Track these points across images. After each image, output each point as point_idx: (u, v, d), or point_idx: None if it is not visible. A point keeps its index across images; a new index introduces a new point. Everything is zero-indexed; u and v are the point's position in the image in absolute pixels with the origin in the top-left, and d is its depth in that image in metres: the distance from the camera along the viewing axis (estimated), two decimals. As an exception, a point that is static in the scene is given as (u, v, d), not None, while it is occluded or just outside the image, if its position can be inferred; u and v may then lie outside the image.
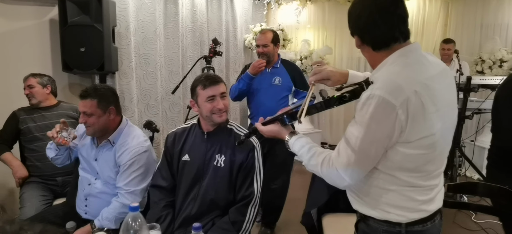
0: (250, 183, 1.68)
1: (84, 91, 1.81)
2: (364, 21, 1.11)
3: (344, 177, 1.07)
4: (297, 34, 5.45)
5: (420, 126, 1.03)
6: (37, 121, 2.50)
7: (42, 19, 3.15)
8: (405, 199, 1.13)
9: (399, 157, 1.07)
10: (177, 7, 4.19)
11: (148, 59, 3.96)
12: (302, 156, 1.20)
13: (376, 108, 1.00)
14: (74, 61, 3.11)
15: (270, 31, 2.92)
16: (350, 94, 1.09)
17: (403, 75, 1.04)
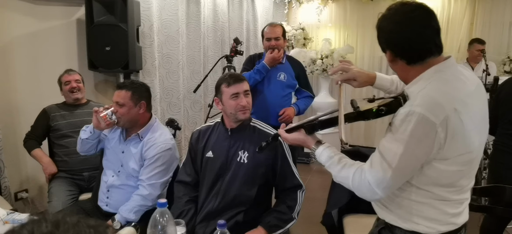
0: (291, 175, 1.76)
1: (120, 83, 1.93)
2: (398, 36, 1.08)
3: (376, 190, 1.06)
4: (318, 33, 5.42)
5: (459, 143, 1.03)
6: (67, 118, 2.58)
7: (70, 19, 3.26)
8: (437, 212, 1.12)
9: (435, 173, 1.06)
10: (199, 6, 4.24)
11: (170, 58, 4.02)
12: (330, 167, 1.19)
13: (416, 126, 0.99)
14: (100, 60, 3.20)
15: (279, 25, 2.85)
16: (387, 109, 1.06)
17: (442, 93, 1.03)
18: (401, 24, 1.07)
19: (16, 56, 2.90)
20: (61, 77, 2.65)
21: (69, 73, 2.65)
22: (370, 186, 1.06)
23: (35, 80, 3.00)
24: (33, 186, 3.07)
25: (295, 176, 1.78)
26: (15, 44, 2.89)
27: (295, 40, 4.98)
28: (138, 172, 1.93)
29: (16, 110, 2.93)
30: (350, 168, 1.13)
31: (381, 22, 1.12)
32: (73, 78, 2.63)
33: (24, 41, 2.94)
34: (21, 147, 2.78)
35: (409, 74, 1.10)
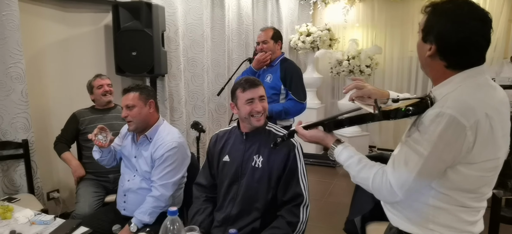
0: (296, 184, 1.67)
1: (126, 88, 1.97)
2: (454, 39, 1.00)
3: (397, 192, 1.04)
4: (344, 34, 5.32)
5: (487, 149, 1.01)
6: (95, 122, 2.67)
7: (98, 25, 3.37)
8: (454, 219, 1.09)
9: (459, 177, 1.03)
10: (224, 10, 4.26)
11: (195, 62, 4.07)
12: (349, 167, 1.17)
13: (446, 127, 0.97)
14: (126, 64, 3.29)
15: (271, 28, 2.85)
16: (414, 109, 1.03)
17: (475, 97, 0.99)
18: (462, 27, 0.99)
19: (48, 62, 3.03)
20: (92, 82, 2.73)
21: (101, 78, 2.74)
22: (391, 188, 1.05)
23: (66, 85, 3.12)
24: (64, 186, 3.20)
25: (299, 186, 1.67)
26: (48, 51, 3.02)
27: (320, 41, 4.90)
28: (150, 174, 1.97)
29: (48, 114, 3.07)
30: (370, 168, 1.12)
31: (438, 11, 1.02)
32: (105, 82, 2.73)
33: (56, 48, 3.07)
34: (53, 149, 2.91)
35: (442, 75, 1.06)
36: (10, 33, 2.59)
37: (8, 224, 1.68)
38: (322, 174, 4.61)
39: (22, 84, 2.67)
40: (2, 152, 2.67)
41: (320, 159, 5.02)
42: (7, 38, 2.59)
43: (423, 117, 1.03)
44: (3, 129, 2.67)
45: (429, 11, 1.05)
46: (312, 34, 4.92)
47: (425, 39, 1.06)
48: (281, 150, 1.67)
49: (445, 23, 1.00)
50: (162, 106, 3.77)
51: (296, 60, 5.53)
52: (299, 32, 5.05)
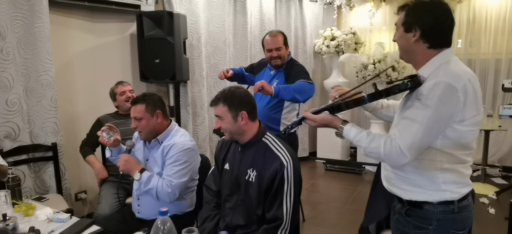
0: (279, 205, 1.61)
1: (134, 99, 2.03)
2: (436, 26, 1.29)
3: (406, 153, 1.22)
4: (371, 37, 5.20)
5: (472, 106, 1.25)
6: (119, 126, 2.78)
7: (124, 34, 3.53)
8: (458, 175, 1.32)
9: (456, 134, 1.26)
10: (246, 17, 4.32)
11: (218, 68, 4.14)
12: (360, 141, 1.31)
13: (444, 91, 1.20)
14: (150, 71, 3.42)
15: (280, 33, 2.68)
16: (411, 83, 1.24)
17: (458, 69, 1.27)
18: (440, 20, 1.29)
19: (77, 70, 3.22)
20: (115, 89, 2.86)
21: (123, 85, 2.86)
22: (400, 150, 1.22)
23: (93, 91, 3.29)
24: (91, 188, 3.36)
25: (281, 209, 1.61)
26: (76, 59, 3.21)
27: (345, 45, 4.82)
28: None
29: (77, 119, 3.24)
30: (380, 138, 1.28)
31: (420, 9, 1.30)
32: (127, 89, 2.85)
33: (84, 56, 3.25)
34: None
35: (425, 56, 1.32)
36: (41, 43, 2.78)
37: (30, 220, 1.80)
38: (347, 180, 4.52)
39: (51, 91, 2.86)
40: (34, 154, 2.87)
41: (346, 166, 4.92)
42: (39, 49, 2.78)
43: (421, 89, 1.25)
44: (34, 132, 2.86)
45: (407, 9, 1.33)
46: (336, 38, 4.86)
47: (408, 30, 1.32)
48: (272, 166, 1.62)
49: (424, 13, 1.30)
50: (184, 111, 3.87)
51: (321, 64, 5.49)
52: (323, 37, 5.00)
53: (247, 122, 1.69)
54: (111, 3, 3.22)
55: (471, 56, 4.69)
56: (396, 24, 1.39)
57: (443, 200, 1.32)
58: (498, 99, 4.51)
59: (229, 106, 1.66)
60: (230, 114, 1.67)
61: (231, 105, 1.66)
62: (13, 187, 1.92)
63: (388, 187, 1.48)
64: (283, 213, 1.60)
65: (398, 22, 1.36)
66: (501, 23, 4.43)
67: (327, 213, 3.59)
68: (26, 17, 2.73)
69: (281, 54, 2.63)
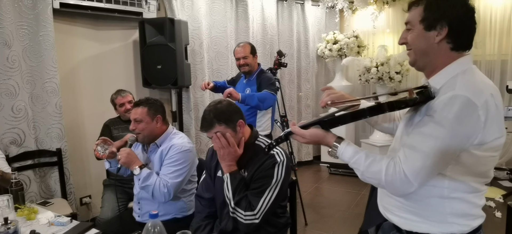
0: (258, 194, 1.56)
1: (137, 101, 2.07)
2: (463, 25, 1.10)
3: (412, 182, 1.04)
4: (374, 40, 5.19)
5: (495, 126, 1.05)
6: (123, 131, 2.83)
7: (127, 41, 3.59)
8: (469, 206, 1.12)
9: (473, 160, 1.06)
10: (248, 22, 4.35)
11: (220, 73, 4.19)
12: (357, 163, 1.13)
13: (461, 108, 1.01)
14: (152, 77, 3.47)
15: (248, 44, 3.03)
16: (420, 97, 1.07)
17: (479, 80, 1.08)
18: (470, 12, 1.10)
19: (81, 76, 3.29)
20: (115, 99, 2.89)
21: (122, 95, 2.86)
22: (406, 177, 1.04)
23: (97, 97, 3.35)
24: (96, 193, 3.40)
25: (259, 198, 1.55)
26: (80, 66, 3.28)
27: (348, 48, 4.82)
28: None
29: (82, 124, 3.31)
30: (380, 161, 1.10)
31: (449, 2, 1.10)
32: (126, 100, 2.86)
33: (88, 63, 3.32)
34: (86, 157, 3.14)
35: (445, 59, 1.12)
36: (46, 51, 2.86)
37: (31, 224, 1.85)
38: (351, 184, 4.50)
39: (56, 97, 2.92)
40: (39, 159, 2.93)
41: (350, 169, 4.88)
42: (44, 56, 2.86)
43: (433, 104, 1.06)
44: (40, 138, 2.93)
45: (426, 2, 1.11)
46: (339, 42, 4.87)
47: (430, 27, 1.10)
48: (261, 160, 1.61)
49: (453, 7, 1.09)
50: (187, 116, 3.91)
51: (324, 68, 5.49)
52: (326, 40, 5.01)
53: (245, 128, 1.70)
54: (114, 11, 3.28)
55: (476, 57, 4.65)
56: (408, 22, 1.17)
57: (449, 233, 1.13)
58: (504, 101, 4.45)
59: (225, 122, 1.62)
60: (230, 129, 1.63)
61: (226, 122, 1.62)
62: (16, 191, 1.97)
63: (385, 213, 1.28)
64: (258, 204, 1.55)
65: (414, 19, 1.14)
66: (506, 24, 4.38)
67: (330, 217, 3.58)
68: (31, 26, 2.81)
69: (247, 62, 2.96)
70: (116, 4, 3.25)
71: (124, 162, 1.96)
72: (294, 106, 5.05)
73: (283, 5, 4.84)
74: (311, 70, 5.17)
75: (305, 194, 4.15)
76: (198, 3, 3.89)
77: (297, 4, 4.97)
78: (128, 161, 1.97)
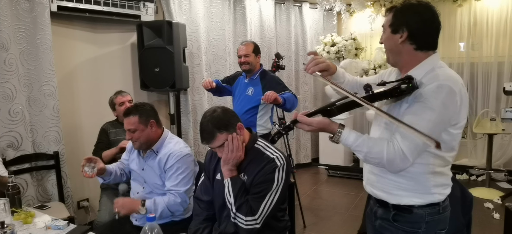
0: (259, 198, 1.57)
1: (126, 110, 2.03)
2: (424, 29, 1.29)
3: (409, 158, 1.21)
4: (371, 42, 5.21)
5: (464, 109, 1.28)
6: (120, 134, 2.82)
7: (125, 44, 3.59)
8: (445, 178, 1.36)
9: (449, 137, 1.28)
10: (246, 25, 4.36)
11: (218, 75, 4.18)
12: (361, 146, 1.26)
13: (447, 95, 1.21)
14: (150, 80, 3.47)
15: (251, 42, 3.05)
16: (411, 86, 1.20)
17: (453, 73, 1.29)
18: (428, 21, 1.30)
19: (79, 79, 3.28)
20: (114, 99, 2.89)
21: (122, 95, 2.88)
22: (404, 154, 1.21)
23: (95, 101, 3.34)
24: (94, 196, 3.39)
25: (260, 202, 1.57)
26: (78, 69, 3.27)
27: (345, 51, 4.83)
28: (161, 185, 2.02)
29: (79, 128, 3.30)
30: (381, 142, 1.25)
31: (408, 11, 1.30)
32: (126, 99, 2.86)
33: (86, 66, 3.31)
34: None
35: (412, 58, 1.32)
36: (44, 54, 2.85)
37: (28, 228, 1.84)
38: (349, 186, 4.50)
39: (53, 101, 2.91)
40: (37, 162, 2.92)
41: (349, 172, 4.91)
42: (41, 59, 2.85)
43: (421, 92, 1.23)
44: (37, 141, 2.92)
45: (394, 10, 1.32)
46: (336, 44, 4.88)
47: (395, 31, 1.31)
48: (261, 164, 1.61)
49: (412, 15, 1.29)
50: (185, 119, 3.90)
51: (323, 71, 5.49)
52: (323, 43, 5.02)
53: (244, 131, 1.69)
54: (112, 14, 3.28)
55: (473, 59, 4.67)
56: (383, 26, 1.38)
57: (432, 202, 1.34)
58: (501, 102, 4.46)
59: (226, 129, 1.60)
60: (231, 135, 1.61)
61: (226, 128, 1.60)
62: (13, 195, 1.96)
63: (372, 191, 1.46)
64: (259, 208, 1.56)
65: (385, 23, 1.36)
66: (502, 26, 4.41)
67: (328, 220, 3.58)
68: (28, 29, 2.80)
69: (248, 60, 2.96)
70: (114, 7, 3.25)
71: (127, 212, 1.95)
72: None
73: (281, 8, 4.85)
74: (309, 72, 5.17)
75: (303, 196, 4.15)
76: (196, 6, 3.89)
77: (295, 6, 4.98)
78: (128, 209, 1.95)
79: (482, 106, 4.56)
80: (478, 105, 4.63)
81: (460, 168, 4.69)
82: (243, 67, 2.99)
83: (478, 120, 4.22)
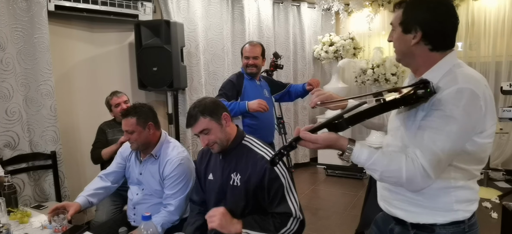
0: (281, 201, 1.58)
1: (125, 111, 2.00)
2: (438, 24, 1.14)
3: (431, 175, 1.06)
4: (369, 42, 5.21)
5: (491, 114, 1.11)
6: (117, 134, 2.81)
7: (123, 43, 3.58)
8: (471, 192, 1.19)
9: (475, 147, 1.12)
10: (244, 24, 4.36)
11: (216, 75, 4.18)
12: (375, 164, 1.10)
13: (468, 100, 1.05)
14: (148, 79, 3.46)
15: (259, 44, 2.88)
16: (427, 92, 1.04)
17: (474, 73, 1.13)
18: (442, 15, 1.14)
19: (77, 79, 3.27)
20: (110, 100, 2.87)
21: (117, 96, 2.86)
22: (425, 171, 1.05)
23: (92, 100, 3.34)
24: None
25: (286, 203, 1.58)
26: (76, 69, 3.26)
27: (344, 50, 4.84)
28: (160, 191, 2.00)
29: (77, 127, 3.29)
30: (399, 158, 1.09)
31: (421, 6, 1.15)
32: (122, 100, 2.84)
33: (83, 66, 3.31)
34: (80, 160, 3.11)
35: (427, 59, 1.17)
36: (41, 54, 2.84)
37: (24, 227, 1.83)
38: (348, 186, 4.50)
39: (51, 100, 2.90)
40: (34, 162, 2.91)
41: (347, 171, 4.90)
42: (38, 59, 2.84)
43: (438, 97, 1.08)
44: (34, 141, 2.91)
45: (405, 6, 1.17)
46: (335, 44, 4.88)
47: (407, 30, 1.15)
48: (257, 165, 1.60)
49: (425, 11, 1.13)
50: (183, 118, 3.90)
51: (320, 70, 5.50)
52: (322, 42, 5.02)
53: (229, 123, 1.68)
54: (110, 13, 3.27)
55: (471, 59, 4.67)
56: (392, 23, 1.23)
57: (455, 221, 1.18)
58: (499, 102, 4.47)
59: (211, 115, 1.60)
60: (215, 122, 1.62)
61: (212, 114, 1.61)
62: (9, 194, 1.95)
63: (387, 208, 1.30)
64: (290, 206, 1.57)
65: (395, 21, 1.20)
66: (500, 25, 4.41)
67: (326, 219, 3.58)
68: (26, 28, 2.79)
69: (257, 63, 2.80)
70: (111, 6, 3.24)
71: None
72: (291, 108, 5.04)
73: (279, 7, 4.84)
74: (307, 72, 5.17)
75: (301, 196, 4.15)
76: (194, 6, 3.89)
77: (293, 6, 4.98)
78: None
79: (480, 106, 4.56)
80: (476, 104, 4.63)
81: (458, 168, 4.69)
82: (250, 69, 2.80)
83: (476, 119, 4.22)
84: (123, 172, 2.21)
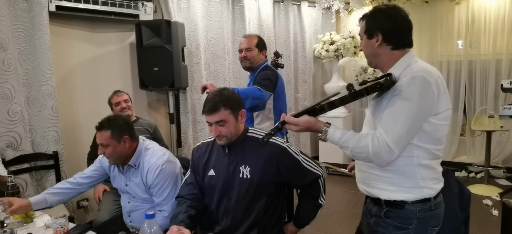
0: (306, 173, 1.70)
1: (99, 124, 1.89)
2: (395, 30, 1.37)
3: (394, 150, 1.26)
4: (370, 41, 5.20)
5: (444, 100, 1.32)
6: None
7: (123, 43, 3.59)
8: (434, 172, 1.38)
9: (432, 127, 1.31)
10: (244, 23, 4.36)
11: (217, 74, 4.19)
12: (347, 141, 1.32)
13: (421, 85, 1.27)
14: (149, 79, 3.47)
15: (255, 36, 2.66)
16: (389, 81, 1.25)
17: (428, 65, 1.36)
18: (398, 22, 1.38)
19: (78, 79, 3.27)
20: (111, 99, 2.90)
21: (118, 95, 2.89)
22: (389, 147, 1.26)
23: (94, 100, 3.34)
24: (93, 195, 3.39)
25: (310, 171, 1.71)
26: (77, 69, 3.27)
27: (344, 49, 4.84)
28: (149, 198, 1.96)
29: (79, 128, 3.30)
30: (366, 137, 1.30)
31: (378, 15, 1.40)
32: (122, 99, 2.87)
33: (85, 66, 3.31)
34: (82, 160, 3.11)
35: (390, 57, 1.39)
36: (42, 54, 2.85)
37: (28, 227, 1.84)
38: (349, 184, 4.50)
39: (52, 100, 2.91)
40: (36, 162, 2.92)
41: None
42: (40, 59, 2.85)
43: (398, 86, 1.29)
44: (36, 141, 2.92)
45: (366, 18, 1.42)
46: (335, 43, 4.88)
47: (371, 36, 1.40)
48: (270, 155, 1.64)
49: (383, 18, 1.38)
50: (184, 118, 3.91)
51: (321, 69, 5.50)
52: (322, 41, 5.03)
53: (244, 120, 1.70)
54: (111, 13, 3.28)
55: (471, 57, 4.68)
56: (359, 34, 1.47)
57: (422, 198, 1.37)
58: (500, 100, 4.47)
59: (232, 109, 1.61)
60: (233, 117, 1.63)
61: (233, 108, 1.62)
62: (12, 195, 1.96)
63: (364, 189, 1.50)
64: (313, 172, 1.72)
65: (361, 31, 1.44)
66: (500, 23, 4.41)
67: (328, 217, 3.59)
68: (27, 29, 2.80)
69: (249, 55, 2.56)
70: (112, 6, 3.25)
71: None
72: (292, 108, 5.05)
73: (279, 7, 4.85)
74: (308, 71, 5.18)
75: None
76: (194, 5, 3.89)
77: (294, 5, 4.98)
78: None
79: (480, 104, 4.57)
80: (476, 102, 4.64)
81: (459, 165, 4.70)
82: (243, 63, 2.61)
83: (476, 117, 4.23)
84: (99, 179, 2.14)
